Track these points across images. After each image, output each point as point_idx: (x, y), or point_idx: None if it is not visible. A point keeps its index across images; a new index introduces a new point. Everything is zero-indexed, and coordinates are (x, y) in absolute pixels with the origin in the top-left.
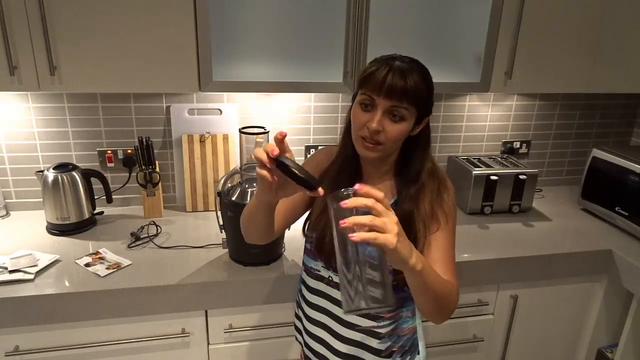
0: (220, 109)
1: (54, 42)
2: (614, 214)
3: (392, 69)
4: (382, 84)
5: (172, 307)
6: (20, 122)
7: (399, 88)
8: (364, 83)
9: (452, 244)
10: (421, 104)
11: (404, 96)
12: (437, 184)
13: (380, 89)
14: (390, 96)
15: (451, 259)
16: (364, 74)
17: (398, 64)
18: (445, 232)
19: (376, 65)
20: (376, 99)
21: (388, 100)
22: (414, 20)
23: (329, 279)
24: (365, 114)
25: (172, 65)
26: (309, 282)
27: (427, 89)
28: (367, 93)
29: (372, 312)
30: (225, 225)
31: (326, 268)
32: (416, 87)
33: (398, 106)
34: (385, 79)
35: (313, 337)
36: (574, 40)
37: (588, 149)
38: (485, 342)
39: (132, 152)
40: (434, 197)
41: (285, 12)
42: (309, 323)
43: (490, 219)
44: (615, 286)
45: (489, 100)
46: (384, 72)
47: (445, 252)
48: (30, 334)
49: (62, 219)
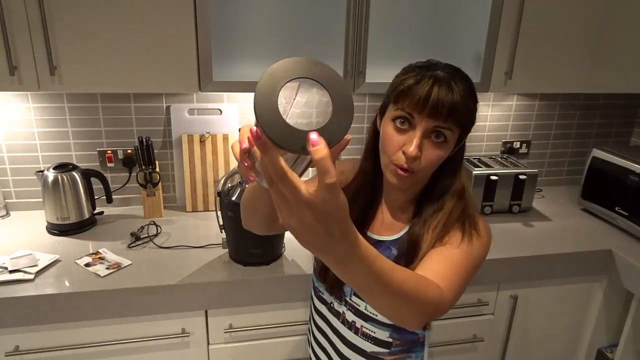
0: (220, 109)
1: (54, 42)
2: (614, 214)
3: (436, 82)
4: (426, 100)
5: (172, 307)
6: (20, 122)
7: (447, 105)
8: (401, 98)
9: (460, 263)
10: (467, 123)
11: (451, 115)
12: (460, 209)
13: (424, 105)
14: (435, 115)
15: (454, 272)
16: (402, 87)
17: (442, 75)
18: (455, 251)
19: (414, 75)
20: (417, 117)
21: (432, 120)
22: (414, 20)
23: (330, 305)
24: (401, 135)
25: (172, 65)
26: (315, 303)
27: (474, 103)
28: (406, 110)
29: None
30: (225, 225)
31: (329, 293)
32: (465, 102)
33: (442, 127)
34: (429, 94)
35: (317, 358)
36: (573, 40)
37: (588, 149)
38: (485, 342)
39: (132, 152)
40: (452, 220)
41: (285, 12)
42: (315, 344)
43: (490, 219)
44: (615, 286)
45: (489, 100)
46: (428, 86)
47: (449, 265)
48: (30, 334)
49: (62, 219)
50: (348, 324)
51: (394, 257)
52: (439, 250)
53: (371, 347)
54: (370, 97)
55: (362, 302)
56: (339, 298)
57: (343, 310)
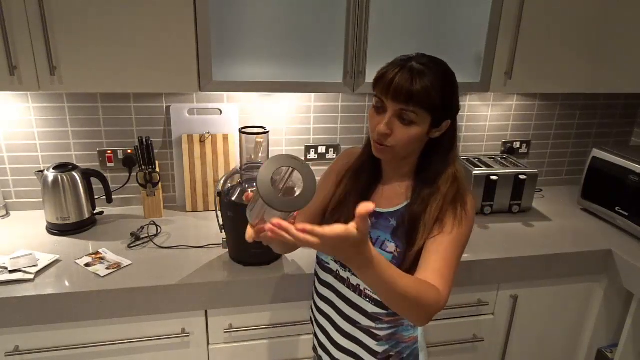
0: (220, 109)
1: (54, 42)
2: (614, 214)
3: (402, 71)
4: (389, 86)
5: (172, 307)
6: (20, 122)
7: (405, 91)
8: (375, 84)
9: (453, 252)
10: (434, 109)
11: (410, 100)
12: (453, 192)
13: (387, 91)
14: (396, 99)
15: (447, 266)
16: (377, 75)
17: (412, 65)
18: (448, 238)
19: (390, 66)
20: (385, 101)
21: (396, 104)
22: (414, 20)
23: (336, 272)
24: (378, 116)
25: (172, 65)
26: (320, 274)
27: (441, 92)
28: (378, 95)
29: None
30: (225, 225)
31: (335, 261)
32: (425, 90)
33: (405, 110)
34: (392, 81)
35: (319, 328)
36: (573, 40)
37: (588, 149)
38: (485, 342)
39: (132, 152)
40: (446, 203)
41: (285, 12)
42: (317, 313)
43: (490, 219)
44: (615, 286)
45: (489, 100)
46: (393, 74)
47: (442, 258)
48: (30, 334)
49: (62, 219)
50: (353, 287)
51: (393, 228)
52: (435, 244)
53: (372, 308)
54: (370, 97)
55: None
56: (343, 266)
57: (347, 275)
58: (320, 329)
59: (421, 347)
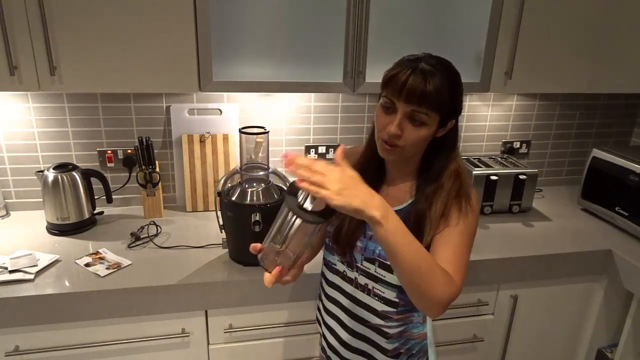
0: (220, 109)
1: (54, 42)
2: (614, 214)
3: (414, 72)
4: (402, 88)
5: (172, 307)
6: (20, 122)
7: (419, 92)
8: (385, 85)
9: (461, 242)
10: (444, 109)
11: (423, 101)
12: (457, 188)
13: (400, 92)
14: (409, 100)
15: (457, 256)
16: (387, 76)
17: (422, 67)
18: (455, 231)
19: (400, 67)
20: (396, 102)
21: (408, 105)
22: (413, 20)
23: (343, 273)
24: (386, 116)
25: (172, 65)
26: (328, 275)
27: (450, 93)
28: (388, 96)
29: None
30: (225, 225)
31: (341, 262)
32: (437, 92)
33: (418, 111)
34: (405, 83)
35: (328, 329)
36: (574, 40)
37: (588, 149)
38: (485, 342)
39: (132, 152)
40: (450, 199)
41: (285, 12)
42: (325, 315)
43: (490, 219)
44: (615, 286)
45: (489, 100)
46: (405, 76)
47: (451, 249)
48: (30, 334)
49: (62, 219)
50: (361, 287)
51: None
52: (443, 238)
53: (382, 307)
54: (370, 97)
55: (372, 265)
56: (350, 266)
57: (355, 275)
58: (328, 330)
59: (430, 343)
